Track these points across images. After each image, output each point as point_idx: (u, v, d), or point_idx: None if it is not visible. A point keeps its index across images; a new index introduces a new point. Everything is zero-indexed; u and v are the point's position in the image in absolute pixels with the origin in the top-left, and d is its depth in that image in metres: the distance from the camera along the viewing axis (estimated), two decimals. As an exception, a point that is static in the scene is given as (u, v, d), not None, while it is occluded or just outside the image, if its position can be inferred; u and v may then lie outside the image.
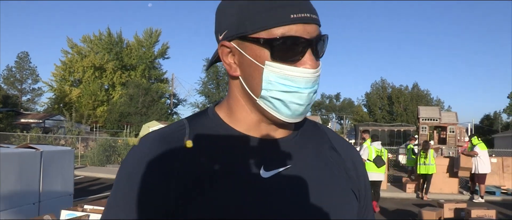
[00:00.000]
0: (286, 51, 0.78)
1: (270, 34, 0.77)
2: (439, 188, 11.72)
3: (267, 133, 0.87)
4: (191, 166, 0.80)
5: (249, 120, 0.86)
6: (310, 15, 0.79)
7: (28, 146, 5.56)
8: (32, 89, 48.92)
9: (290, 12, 0.77)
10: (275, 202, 0.80)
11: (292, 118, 0.83)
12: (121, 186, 0.83)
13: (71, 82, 44.69)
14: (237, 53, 0.82)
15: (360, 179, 0.97)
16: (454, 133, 20.96)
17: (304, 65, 0.79)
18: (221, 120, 0.88)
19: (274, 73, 0.79)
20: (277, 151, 0.86)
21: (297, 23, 0.77)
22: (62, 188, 5.61)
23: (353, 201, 0.92)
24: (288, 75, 0.79)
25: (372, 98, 49.88)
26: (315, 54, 0.80)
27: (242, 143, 0.85)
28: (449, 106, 52.15)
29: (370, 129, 23.37)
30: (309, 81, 0.80)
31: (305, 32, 0.78)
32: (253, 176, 0.81)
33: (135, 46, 46.33)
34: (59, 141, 21.86)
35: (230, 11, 0.82)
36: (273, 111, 0.82)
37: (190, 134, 0.84)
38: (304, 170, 0.86)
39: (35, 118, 35.80)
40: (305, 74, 0.79)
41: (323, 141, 0.96)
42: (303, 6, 0.79)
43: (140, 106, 38.28)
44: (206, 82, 44.14)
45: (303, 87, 0.79)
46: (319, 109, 64.88)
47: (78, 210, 3.97)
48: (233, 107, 0.88)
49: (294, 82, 0.79)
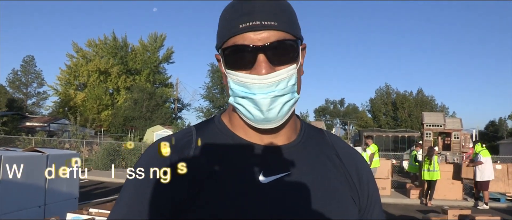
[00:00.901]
0: (235, 59, 0.82)
1: (227, 45, 0.83)
2: (443, 194, 11.67)
3: (267, 139, 0.90)
4: (195, 170, 0.84)
5: (246, 127, 0.90)
6: (262, 22, 0.80)
7: (35, 150, 5.60)
8: (37, 93, 49.20)
9: (239, 22, 0.81)
10: (272, 207, 0.83)
11: (260, 123, 0.84)
12: (130, 188, 0.87)
13: (76, 86, 44.84)
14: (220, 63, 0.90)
15: (363, 187, 0.97)
16: (459, 139, 20.85)
17: (256, 71, 0.81)
18: (226, 127, 0.93)
19: (232, 80, 0.84)
20: (277, 158, 0.89)
21: (246, 31, 0.80)
22: (67, 191, 5.65)
23: (351, 209, 0.92)
24: (242, 82, 0.82)
25: (377, 104, 49.73)
26: (271, 60, 0.81)
27: (243, 149, 0.89)
28: (453, 112, 51.82)
29: (374, 135, 23.33)
30: (262, 86, 0.81)
31: (253, 40, 0.80)
32: (252, 181, 0.85)
33: (140, 50, 46.46)
34: (63, 144, 21.97)
35: (218, 25, 0.88)
36: (242, 116, 0.87)
37: (197, 140, 0.89)
38: (302, 177, 0.88)
39: (40, 121, 36.00)
40: (255, 80, 0.81)
41: (326, 148, 0.97)
42: (256, 14, 0.80)
43: (145, 111, 38.35)
44: (210, 87, 44.13)
45: (257, 92, 0.81)
46: (323, 115, 64.79)
47: (84, 213, 4.00)
48: (231, 114, 0.93)
49: (248, 88, 0.82)
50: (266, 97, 0.81)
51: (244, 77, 0.82)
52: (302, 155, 0.92)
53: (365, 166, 1.02)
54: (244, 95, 0.82)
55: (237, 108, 0.86)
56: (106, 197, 10.40)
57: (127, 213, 0.85)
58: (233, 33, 0.81)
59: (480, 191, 11.06)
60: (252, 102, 0.82)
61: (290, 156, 0.90)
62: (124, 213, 0.85)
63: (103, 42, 45.61)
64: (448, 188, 11.77)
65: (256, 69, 0.81)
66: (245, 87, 0.82)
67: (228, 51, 0.82)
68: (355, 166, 0.98)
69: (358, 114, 57.49)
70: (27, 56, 49.05)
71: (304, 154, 0.92)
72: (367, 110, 55.03)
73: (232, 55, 0.82)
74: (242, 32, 0.80)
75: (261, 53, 0.80)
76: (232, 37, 0.81)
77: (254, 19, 0.80)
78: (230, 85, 0.84)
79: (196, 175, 0.84)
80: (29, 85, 48.33)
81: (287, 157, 0.89)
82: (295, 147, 0.92)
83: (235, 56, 0.82)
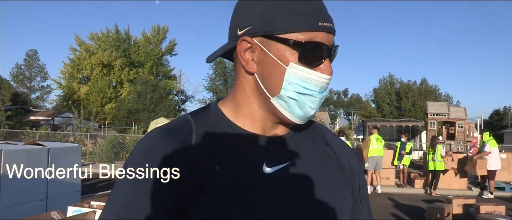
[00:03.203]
0: (311, 55, 0.82)
1: (299, 37, 0.80)
2: (448, 184, 11.64)
3: (270, 130, 0.89)
4: (198, 163, 0.80)
5: (255, 117, 0.88)
6: (332, 26, 0.84)
7: (36, 143, 5.59)
8: (41, 87, 49.29)
9: (318, 19, 0.81)
10: (277, 197, 0.83)
11: (302, 119, 0.87)
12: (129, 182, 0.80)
13: (80, 80, 44.90)
14: (258, 50, 0.83)
15: (355, 177, 0.99)
16: (463, 128, 20.79)
17: (323, 70, 0.83)
18: (224, 116, 0.89)
19: (296, 75, 0.82)
20: (278, 148, 0.88)
21: (323, 31, 0.82)
22: (69, 184, 5.64)
23: (348, 196, 0.95)
24: (308, 78, 0.82)
25: (380, 93, 49.54)
26: (331, 62, 0.85)
27: (245, 139, 0.87)
28: (457, 101, 51.56)
29: (378, 124, 23.28)
30: (324, 86, 0.84)
31: (328, 40, 0.82)
32: (257, 171, 0.83)
33: (143, 43, 46.40)
34: (68, 138, 22.06)
35: (255, 8, 0.83)
36: (285, 111, 0.84)
37: (197, 131, 0.85)
38: (303, 166, 0.89)
39: (44, 115, 36.17)
40: (322, 79, 0.83)
41: (318, 137, 0.99)
42: (327, 16, 0.83)
43: (148, 103, 38.41)
44: (213, 78, 44.16)
45: (317, 91, 0.83)
46: (327, 105, 64.72)
47: (85, 206, 3.98)
48: (241, 103, 0.89)
49: (311, 85, 0.82)
50: (322, 97, 0.85)
51: (312, 74, 0.82)
52: (300, 145, 0.92)
53: (355, 156, 1.04)
54: (304, 92, 0.82)
55: (285, 103, 0.84)
56: (109, 190, 10.43)
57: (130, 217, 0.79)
58: (312, 28, 0.80)
59: (485, 180, 11.01)
60: (310, 99, 0.83)
61: (291, 146, 0.90)
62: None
63: (105, 35, 45.58)
64: (452, 177, 11.73)
65: (324, 69, 0.83)
66: (309, 84, 0.82)
67: (308, 46, 0.80)
68: (347, 156, 1.00)
69: (362, 104, 57.38)
70: (30, 50, 49.04)
71: (303, 143, 0.93)
72: (371, 99, 54.90)
73: (309, 51, 0.81)
74: (321, 30, 0.81)
75: (330, 54, 0.84)
76: (308, 32, 0.80)
77: (328, 20, 0.83)
78: (290, 79, 0.82)
79: (199, 167, 0.80)
80: (32, 80, 48.43)
81: (288, 147, 0.90)
82: (294, 136, 0.92)
83: (312, 52, 0.81)
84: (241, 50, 0.84)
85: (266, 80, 0.83)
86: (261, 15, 0.81)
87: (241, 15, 0.85)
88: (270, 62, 0.82)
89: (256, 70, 0.84)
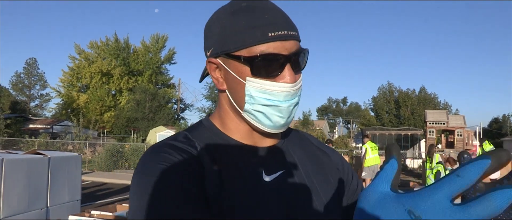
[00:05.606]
0: (265, 67, 0.82)
1: (250, 52, 0.82)
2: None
3: (260, 141, 0.93)
4: (208, 171, 0.82)
5: (241, 130, 0.92)
6: (288, 32, 0.83)
7: (36, 152, 5.61)
8: (40, 95, 49.30)
9: (268, 30, 0.81)
10: (280, 204, 0.86)
11: (275, 129, 0.88)
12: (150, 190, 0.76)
13: (79, 88, 44.92)
14: (222, 68, 0.88)
15: (346, 173, 1.04)
16: (462, 136, 20.81)
17: (283, 79, 0.83)
18: (218, 130, 0.93)
19: (255, 88, 0.84)
20: (272, 157, 0.92)
21: (275, 40, 0.81)
22: (69, 193, 5.65)
23: (342, 195, 1.00)
24: (268, 90, 0.83)
25: (379, 102, 49.59)
26: (294, 69, 0.84)
27: (242, 150, 0.90)
28: (456, 109, 51.68)
29: (376, 133, 23.28)
30: (288, 94, 0.84)
31: (283, 48, 0.82)
32: (258, 180, 0.86)
33: (142, 51, 46.48)
34: (66, 146, 22.00)
35: (214, 29, 0.87)
36: (256, 123, 0.87)
37: (197, 144, 0.87)
38: (300, 171, 0.93)
39: (43, 123, 36.10)
40: (283, 88, 0.83)
41: (309, 144, 1.04)
42: (281, 24, 0.83)
43: (147, 112, 38.40)
44: (212, 87, 44.16)
45: (282, 100, 0.84)
46: (326, 113, 64.67)
47: (86, 215, 4.00)
48: (225, 118, 0.93)
49: (274, 96, 0.84)
50: (291, 105, 0.85)
51: (272, 86, 0.83)
52: (292, 152, 0.96)
53: (342, 157, 1.09)
54: (268, 104, 0.84)
55: (253, 116, 0.86)
56: (109, 198, 10.42)
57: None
58: (260, 41, 0.81)
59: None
60: (276, 110, 0.85)
61: (283, 154, 0.94)
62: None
63: (105, 44, 45.67)
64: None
65: (284, 78, 0.83)
66: (271, 95, 0.84)
67: (258, 60, 0.81)
68: (335, 156, 1.06)
69: (361, 112, 57.36)
70: (29, 59, 49.16)
71: (293, 151, 0.97)
72: (370, 108, 54.93)
73: (261, 64, 0.82)
74: (272, 40, 0.81)
75: (288, 62, 0.83)
76: (258, 45, 0.81)
77: (281, 28, 0.82)
78: (250, 93, 0.84)
79: (209, 176, 0.82)
80: (32, 88, 48.46)
81: (281, 155, 0.94)
82: (285, 144, 0.97)
83: (264, 65, 0.82)
84: (211, 70, 0.90)
85: (234, 96, 0.87)
86: (219, 35, 0.85)
87: (206, 37, 0.90)
88: (232, 79, 0.86)
89: (225, 87, 0.89)
